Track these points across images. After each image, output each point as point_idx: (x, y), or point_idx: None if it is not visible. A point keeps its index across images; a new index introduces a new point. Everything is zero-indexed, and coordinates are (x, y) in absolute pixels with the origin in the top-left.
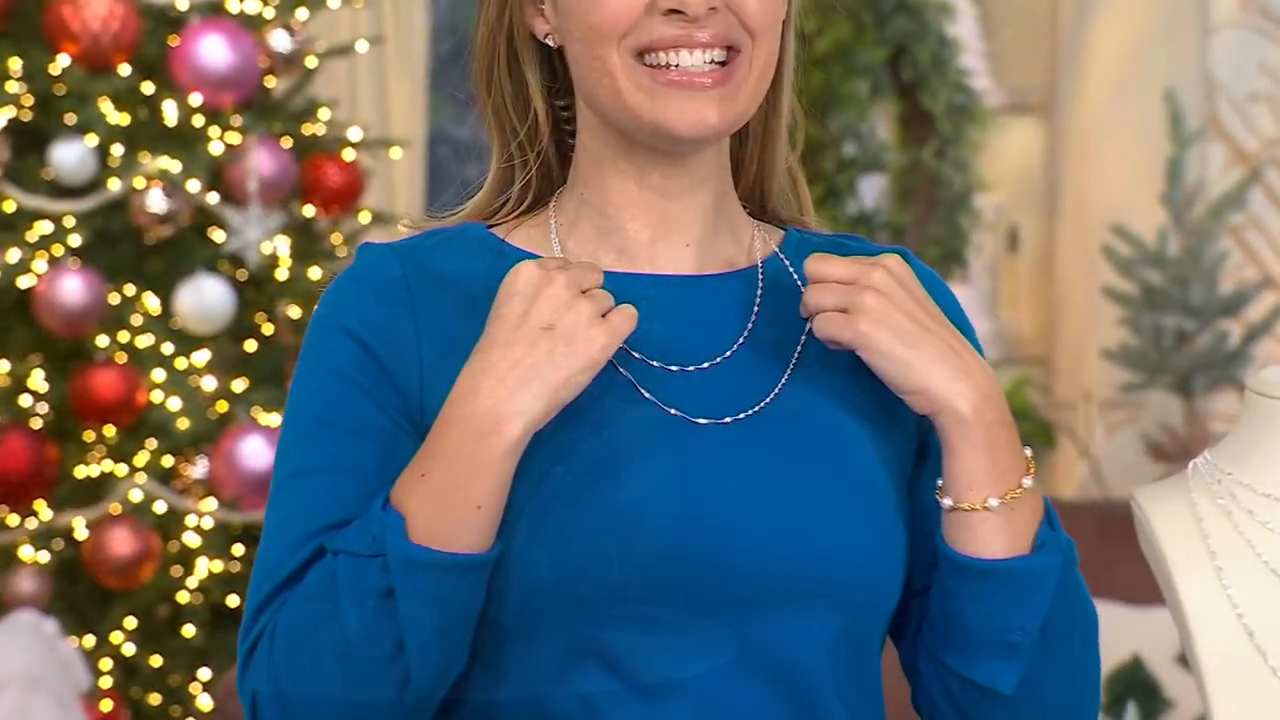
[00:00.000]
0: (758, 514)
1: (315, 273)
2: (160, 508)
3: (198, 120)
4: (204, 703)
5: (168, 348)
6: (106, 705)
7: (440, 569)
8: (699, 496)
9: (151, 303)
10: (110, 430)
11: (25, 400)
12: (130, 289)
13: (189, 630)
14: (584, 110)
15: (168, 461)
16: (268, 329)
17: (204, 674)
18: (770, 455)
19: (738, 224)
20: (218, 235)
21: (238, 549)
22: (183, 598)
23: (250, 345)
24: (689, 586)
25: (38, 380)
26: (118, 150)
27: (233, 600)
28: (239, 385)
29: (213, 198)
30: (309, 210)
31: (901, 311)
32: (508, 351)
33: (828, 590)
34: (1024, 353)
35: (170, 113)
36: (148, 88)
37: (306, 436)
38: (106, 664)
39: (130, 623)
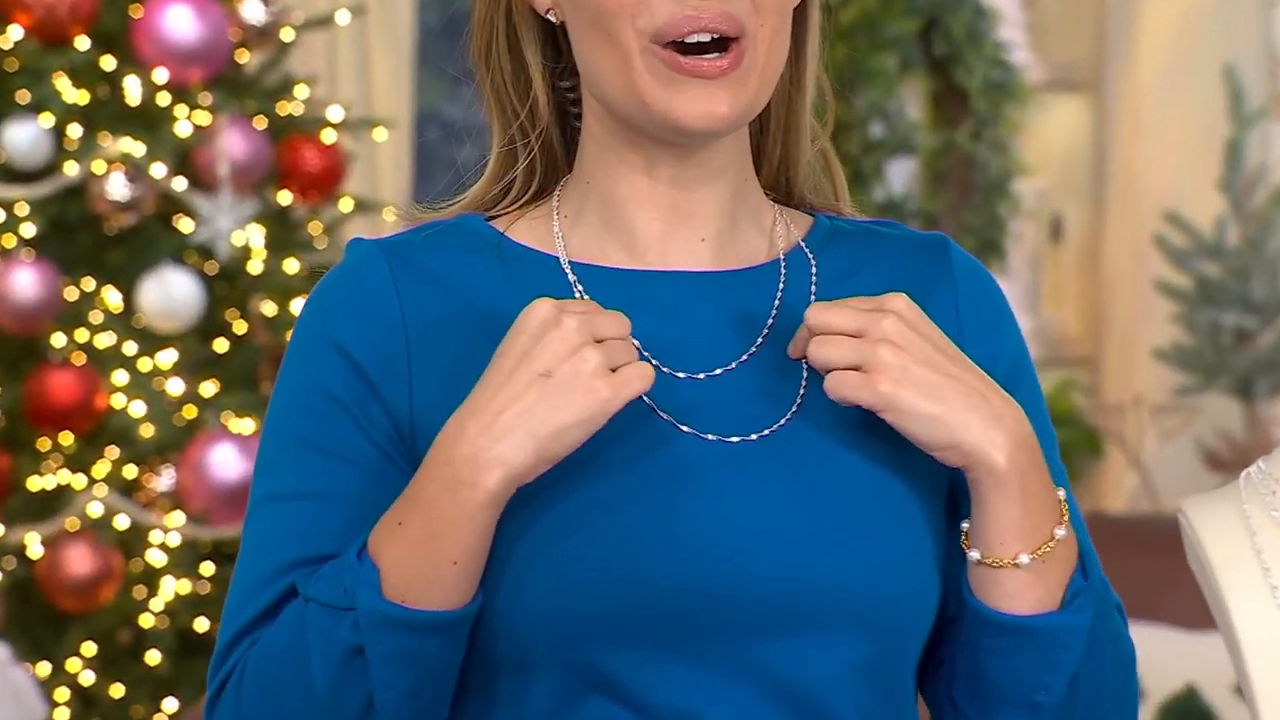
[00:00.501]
0: (774, 533)
1: (292, 265)
2: (122, 522)
3: (163, 99)
4: None
5: (130, 347)
6: None
7: (411, 628)
8: (712, 517)
9: (112, 298)
10: (67, 438)
11: None
12: (89, 283)
13: (153, 657)
14: (588, 94)
15: (130, 472)
16: (240, 327)
17: (169, 705)
18: (789, 472)
19: (760, 214)
20: (185, 224)
21: (207, 568)
22: (146, 621)
23: (221, 345)
24: (699, 611)
25: None
26: (75, 131)
27: (201, 624)
28: (208, 389)
29: (179, 183)
30: (285, 197)
31: (921, 362)
32: (498, 395)
33: (851, 614)
34: (1068, 352)
35: (133, 90)
36: (108, 63)
37: (287, 456)
38: (63, 694)
39: (89, 649)
